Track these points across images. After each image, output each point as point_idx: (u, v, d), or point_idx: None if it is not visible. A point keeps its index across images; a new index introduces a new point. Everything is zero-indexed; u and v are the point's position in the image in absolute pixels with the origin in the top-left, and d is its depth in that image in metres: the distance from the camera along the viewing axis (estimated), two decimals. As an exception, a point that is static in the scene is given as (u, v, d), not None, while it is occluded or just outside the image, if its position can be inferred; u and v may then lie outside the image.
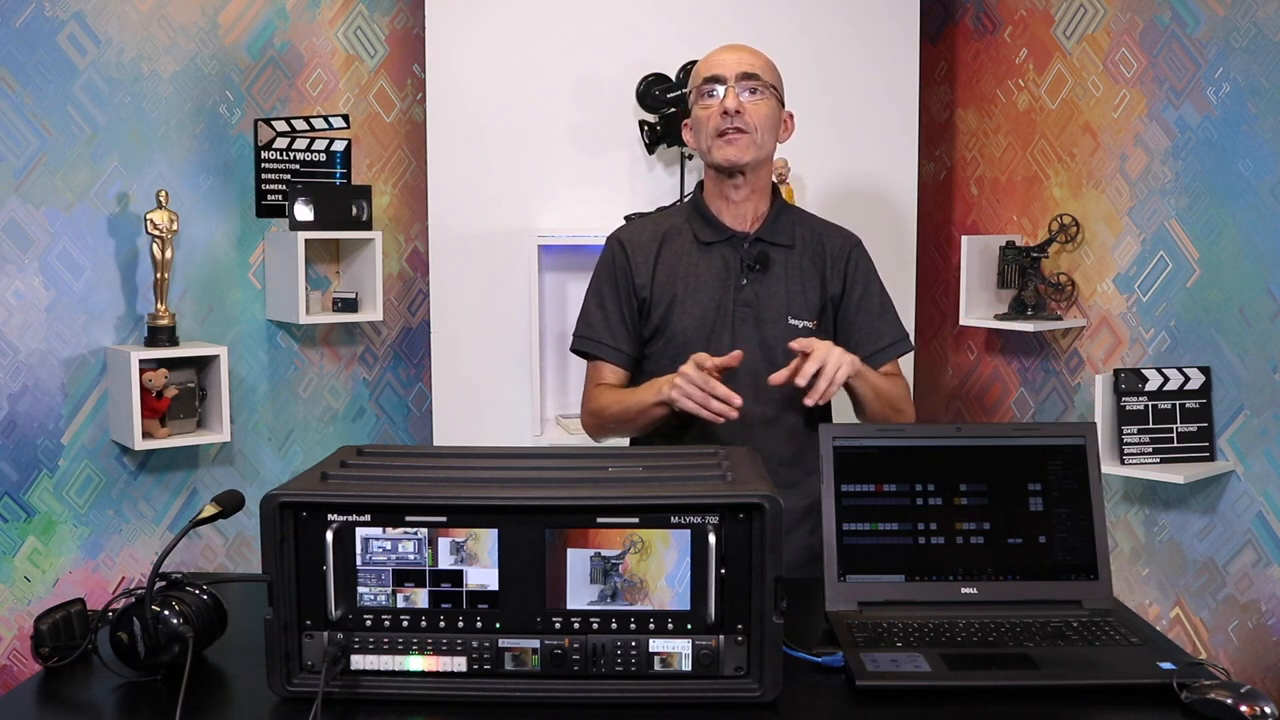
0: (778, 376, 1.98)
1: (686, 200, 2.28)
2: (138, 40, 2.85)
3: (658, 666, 1.36)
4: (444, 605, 1.37)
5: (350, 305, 3.05)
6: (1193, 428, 2.81)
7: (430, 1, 3.01)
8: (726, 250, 2.18)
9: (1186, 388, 2.80)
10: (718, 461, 1.53)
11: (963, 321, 3.09)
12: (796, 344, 1.98)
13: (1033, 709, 1.36)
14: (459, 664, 1.37)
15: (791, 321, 2.15)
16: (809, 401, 1.95)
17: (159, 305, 2.83)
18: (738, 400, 1.95)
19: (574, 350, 2.25)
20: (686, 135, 2.25)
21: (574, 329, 2.24)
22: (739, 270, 2.16)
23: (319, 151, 3.11)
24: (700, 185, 2.24)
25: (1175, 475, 2.73)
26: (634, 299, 2.20)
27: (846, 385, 2.07)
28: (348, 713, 1.35)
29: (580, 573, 1.36)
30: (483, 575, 1.37)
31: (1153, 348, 2.92)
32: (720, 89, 2.13)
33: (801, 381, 1.94)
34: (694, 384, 1.97)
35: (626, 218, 2.83)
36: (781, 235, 2.19)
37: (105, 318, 2.85)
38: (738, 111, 2.11)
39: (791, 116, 2.25)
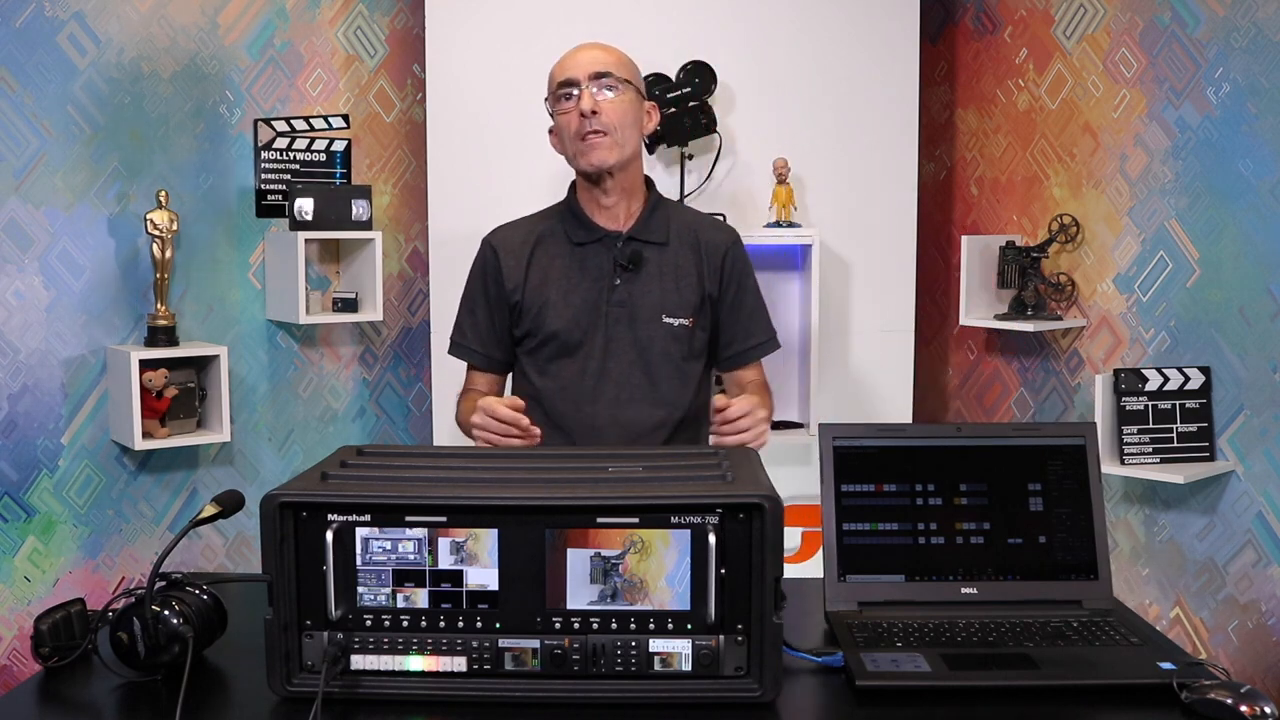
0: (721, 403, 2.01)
1: (560, 202, 2.27)
2: (138, 40, 2.85)
3: (658, 666, 1.36)
4: (444, 605, 1.37)
5: (350, 305, 3.05)
6: (1193, 428, 2.81)
7: (430, 1, 3.01)
8: (599, 250, 2.17)
9: (1186, 388, 2.80)
10: (718, 461, 1.53)
11: (963, 321, 3.09)
12: (729, 409, 2.00)
13: (1033, 709, 1.36)
14: (459, 664, 1.37)
15: (666, 320, 2.15)
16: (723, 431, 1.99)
17: (159, 305, 2.83)
18: (536, 433, 1.98)
19: (450, 354, 2.29)
20: (553, 141, 2.23)
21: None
22: (612, 270, 2.15)
23: (319, 151, 3.11)
24: (573, 185, 2.23)
25: (1175, 475, 2.73)
26: (504, 304, 2.21)
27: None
28: (348, 713, 1.35)
29: (580, 573, 1.36)
30: (483, 575, 1.37)
31: (1153, 348, 2.92)
32: (575, 91, 2.13)
33: (725, 426, 1.98)
34: (491, 431, 1.98)
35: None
36: (655, 233, 2.18)
37: (105, 318, 2.85)
38: (595, 112, 2.10)
39: (655, 107, 2.24)
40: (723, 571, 1.35)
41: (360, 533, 1.37)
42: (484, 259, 2.25)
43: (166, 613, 1.40)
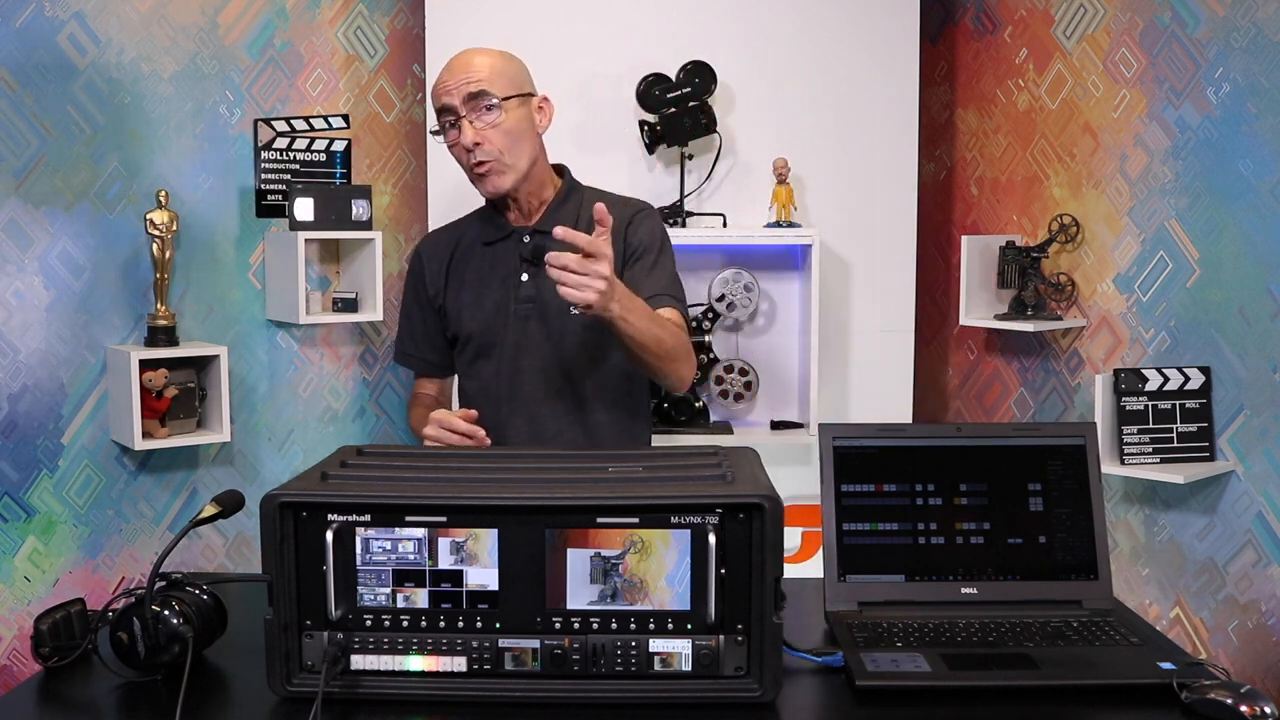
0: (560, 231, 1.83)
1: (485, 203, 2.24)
2: (138, 40, 2.85)
3: (658, 666, 1.36)
4: (444, 605, 1.37)
5: (350, 305, 3.05)
6: (1193, 428, 2.81)
7: (430, 1, 3.01)
8: (507, 248, 2.15)
9: (1186, 388, 2.81)
10: (718, 461, 1.53)
11: (963, 321, 3.09)
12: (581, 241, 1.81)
13: (1033, 709, 1.36)
14: (459, 664, 1.37)
15: (575, 312, 2.05)
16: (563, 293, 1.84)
17: (159, 305, 2.83)
18: (480, 433, 1.95)
19: (395, 361, 2.30)
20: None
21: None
22: (517, 267, 2.13)
23: (319, 151, 3.11)
24: None
25: (1175, 475, 2.73)
26: (432, 308, 2.20)
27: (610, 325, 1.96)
28: (348, 713, 1.35)
29: (580, 573, 1.36)
30: (483, 575, 1.37)
31: (1153, 348, 2.92)
32: (454, 120, 2.06)
33: (559, 275, 1.82)
34: (445, 443, 1.96)
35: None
36: (562, 223, 2.10)
37: (105, 318, 2.85)
38: (478, 143, 2.05)
39: (546, 100, 2.17)
40: (723, 571, 1.35)
41: (360, 533, 1.37)
42: (413, 266, 2.27)
43: (166, 613, 1.40)
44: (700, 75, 2.94)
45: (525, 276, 2.12)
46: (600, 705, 1.35)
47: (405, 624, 1.37)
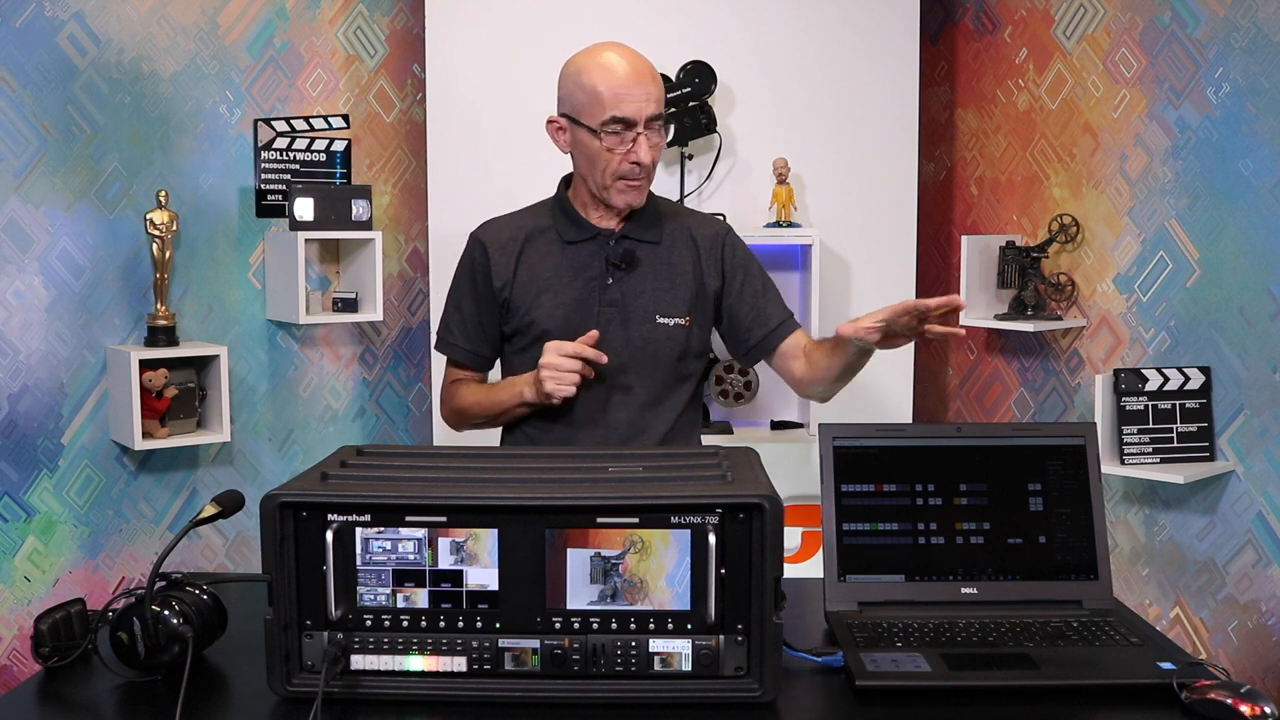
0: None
1: (550, 198, 2.22)
2: (138, 40, 2.85)
3: (658, 666, 1.36)
4: (444, 605, 1.37)
5: (350, 305, 3.05)
6: (1193, 428, 2.81)
7: (430, 1, 3.01)
8: (592, 249, 2.13)
9: (1186, 388, 2.80)
10: (718, 461, 1.53)
11: (963, 321, 3.09)
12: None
13: (1033, 709, 1.36)
14: (459, 664, 1.37)
15: (660, 320, 2.11)
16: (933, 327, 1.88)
17: (159, 305, 2.83)
18: (603, 359, 1.99)
19: (436, 349, 2.28)
20: (558, 139, 2.15)
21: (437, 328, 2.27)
22: (604, 269, 2.12)
23: (319, 151, 3.11)
24: (564, 181, 2.20)
25: (1175, 475, 2.73)
26: (493, 300, 2.17)
27: (840, 345, 2.00)
28: (348, 713, 1.35)
29: (580, 573, 1.36)
30: (483, 575, 1.37)
31: (1153, 348, 2.92)
32: (630, 134, 2.04)
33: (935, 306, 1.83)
34: (562, 369, 1.98)
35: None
36: (649, 232, 2.14)
37: (105, 318, 2.85)
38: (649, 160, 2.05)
39: None
40: (723, 571, 1.35)
41: (360, 533, 1.37)
42: (472, 255, 2.22)
43: (166, 613, 1.40)
44: (700, 75, 2.94)
45: (611, 280, 2.12)
46: (600, 705, 1.35)
47: (405, 624, 1.37)
